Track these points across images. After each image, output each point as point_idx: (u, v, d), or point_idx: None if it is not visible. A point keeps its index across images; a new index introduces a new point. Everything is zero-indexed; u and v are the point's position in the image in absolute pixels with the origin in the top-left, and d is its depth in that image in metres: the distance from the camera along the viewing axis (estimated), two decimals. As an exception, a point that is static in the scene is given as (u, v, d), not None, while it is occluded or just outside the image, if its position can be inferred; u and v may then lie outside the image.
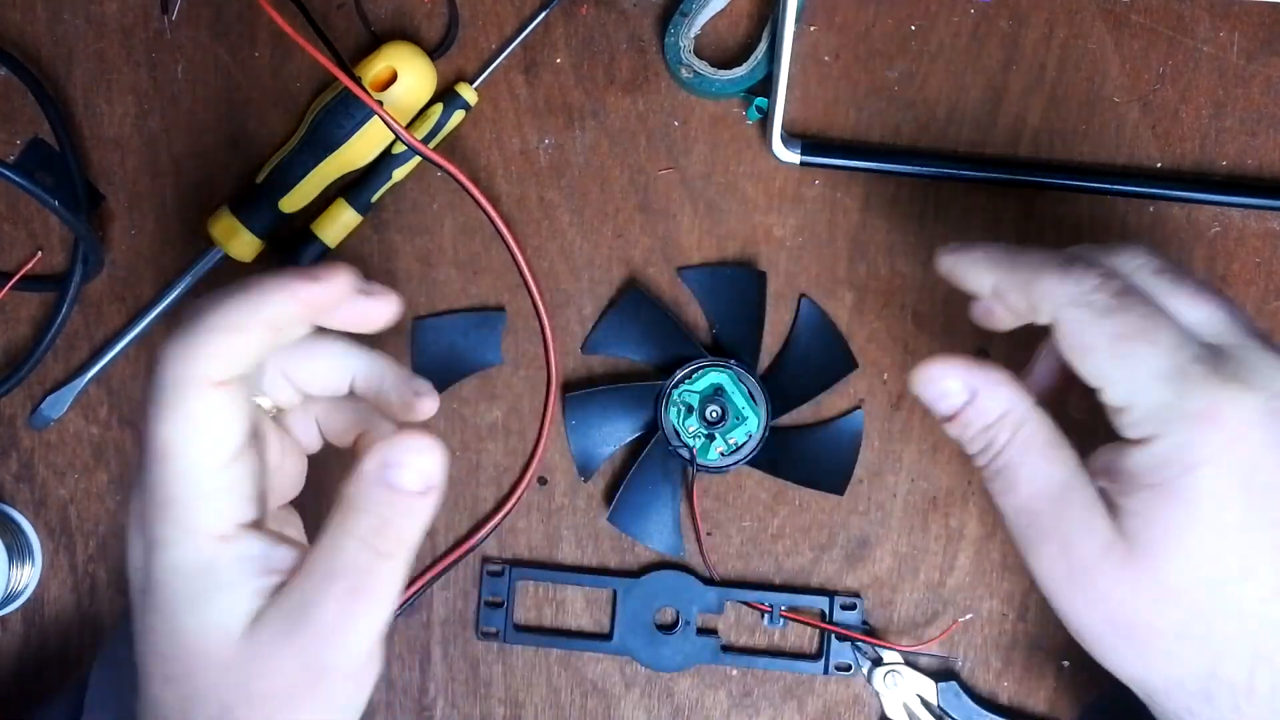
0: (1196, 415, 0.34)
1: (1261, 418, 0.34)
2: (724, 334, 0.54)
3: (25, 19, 0.55)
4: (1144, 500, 0.35)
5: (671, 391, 0.52)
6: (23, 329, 0.55)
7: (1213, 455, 0.34)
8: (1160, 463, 0.35)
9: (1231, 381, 0.34)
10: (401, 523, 0.35)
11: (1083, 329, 0.36)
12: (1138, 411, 0.35)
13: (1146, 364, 0.35)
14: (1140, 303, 0.36)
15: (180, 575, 0.34)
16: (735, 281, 0.54)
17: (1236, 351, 0.36)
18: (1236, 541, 0.34)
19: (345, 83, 0.49)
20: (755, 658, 0.54)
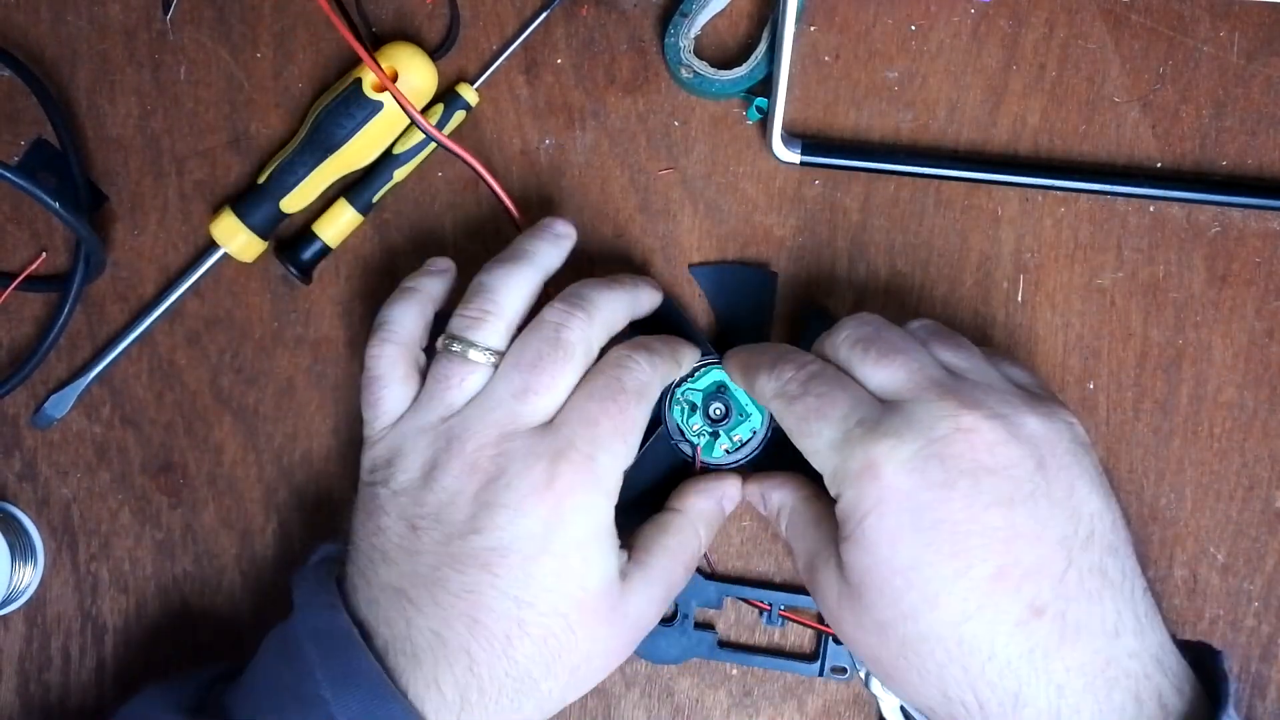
0: (858, 473, 0.40)
1: (916, 463, 0.39)
2: (730, 332, 0.54)
3: (29, 20, 0.55)
4: (845, 550, 0.41)
5: (675, 389, 0.52)
6: (26, 329, 0.55)
7: (874, 504, 0.40)
8: (844, 517, 0.41)
9: (886, 436, 0.40)
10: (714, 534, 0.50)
11: (781, 417, 0.44)
12: (826, 476, 0.42)
13: (820, 437, 0.42)
14: (821, 383, 0.43)
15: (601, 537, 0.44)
16: (746, 280, 0.54)
17: (905, 405, 0.41)
18: (915, 577, 0.39)
19: (368, 62, 0.49)
20: (752, 655, 0.54)
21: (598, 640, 0.44)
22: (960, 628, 0.39)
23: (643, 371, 0.46)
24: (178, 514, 0.55)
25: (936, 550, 0.39)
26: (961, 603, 0.39)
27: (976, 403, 0.41)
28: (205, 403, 0.55)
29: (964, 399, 0.41)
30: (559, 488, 0.43)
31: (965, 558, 0.39)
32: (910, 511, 0.39)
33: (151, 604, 0.55)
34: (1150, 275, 0.54)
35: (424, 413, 0.45)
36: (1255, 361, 0.54)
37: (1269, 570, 0.54)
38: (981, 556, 0.39)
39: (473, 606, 0.42)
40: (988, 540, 0.39)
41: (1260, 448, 0.54)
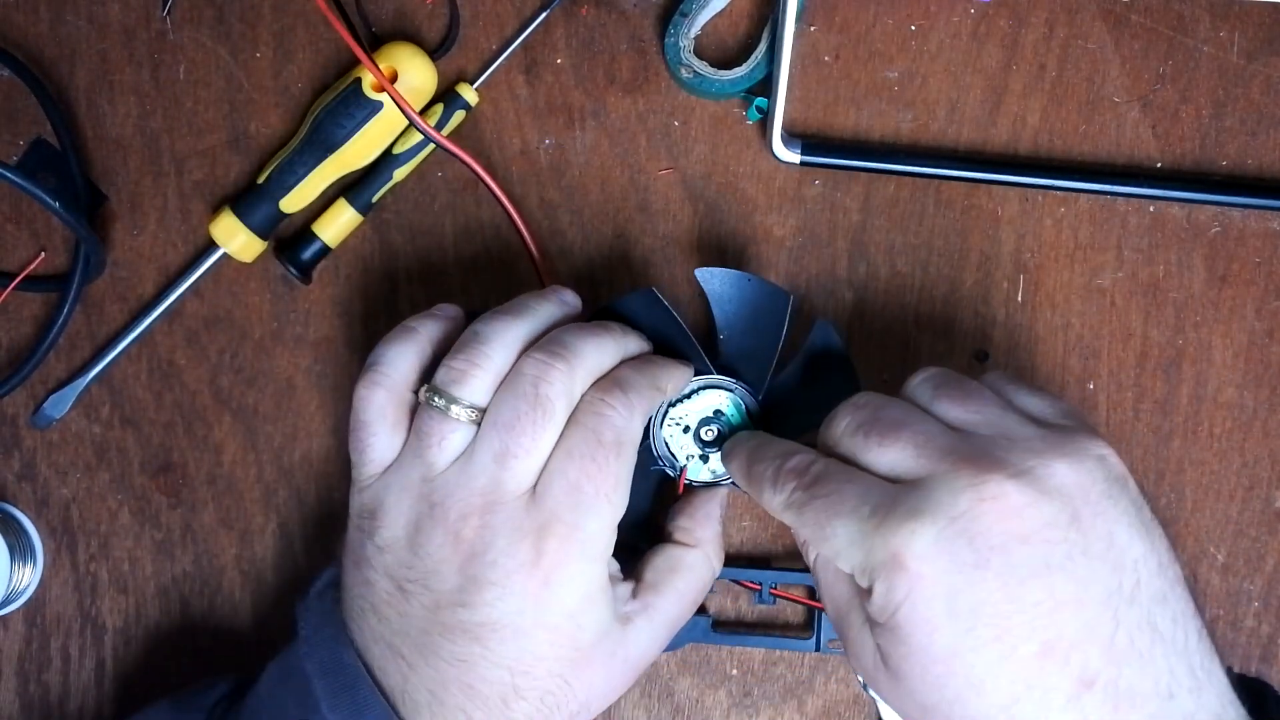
0: (884, 565, 0.38)
1: (941, 545, 0.37)
2: (732, 347, 0.51)
3: (28, 20, 0.55)
4: (880, 637, 0.39)
5: (668, 409, 0.50)
6: (25, 329, 0.55)
7: (905, 596, 0.37)
8: (878, 609, 0.38)
9: (906, 521, 0.37)
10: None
11: (796, 531, 0.43)
12: (855, 572, 0.39)
13: (838, 537, 0.39)
14: (827, 483, 0.41)
15: (594, 597, 0.43)
16: (758, 297, 0.50)
17: (921, 484, 0.39)
18: (958, 664, 0.37)
19: (366, 63, 0.49)
20: (747, 635, 0.54)
21: (595, 686, 0.44)
22: (1010, 710, 0.37)
23: (619, 417, 0.44)
24: (177, 514, 0.55)
25: (977, 636, 0.36)
26: (1009, 685, 0.36)
27: (996, 463, 0.38)
28: (205, 403, 0.55)
29: (981, 463, 0.38)
30: (546, 564, 0.42)
31: (1009, 639, 0.36)
32: (944, 599, 0.37)
33: (151, 604, 0.55)
34: (1150, 275, 0.54)
35: (406, 469, 0.44)
36: (1255, 361, 0.54)
37: (1269, 570, 0.54)
38: (1025, 635, 0.36)
39: (466, 674, 0.42)
40: (1030, 616, 0.36)
41: (1260, 448, 0.54)
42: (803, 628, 0.54)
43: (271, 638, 0.54)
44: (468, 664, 0.42)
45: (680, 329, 0.49)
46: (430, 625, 0.42)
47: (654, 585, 0.46)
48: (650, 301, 0.49)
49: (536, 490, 0.43)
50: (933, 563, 0.37)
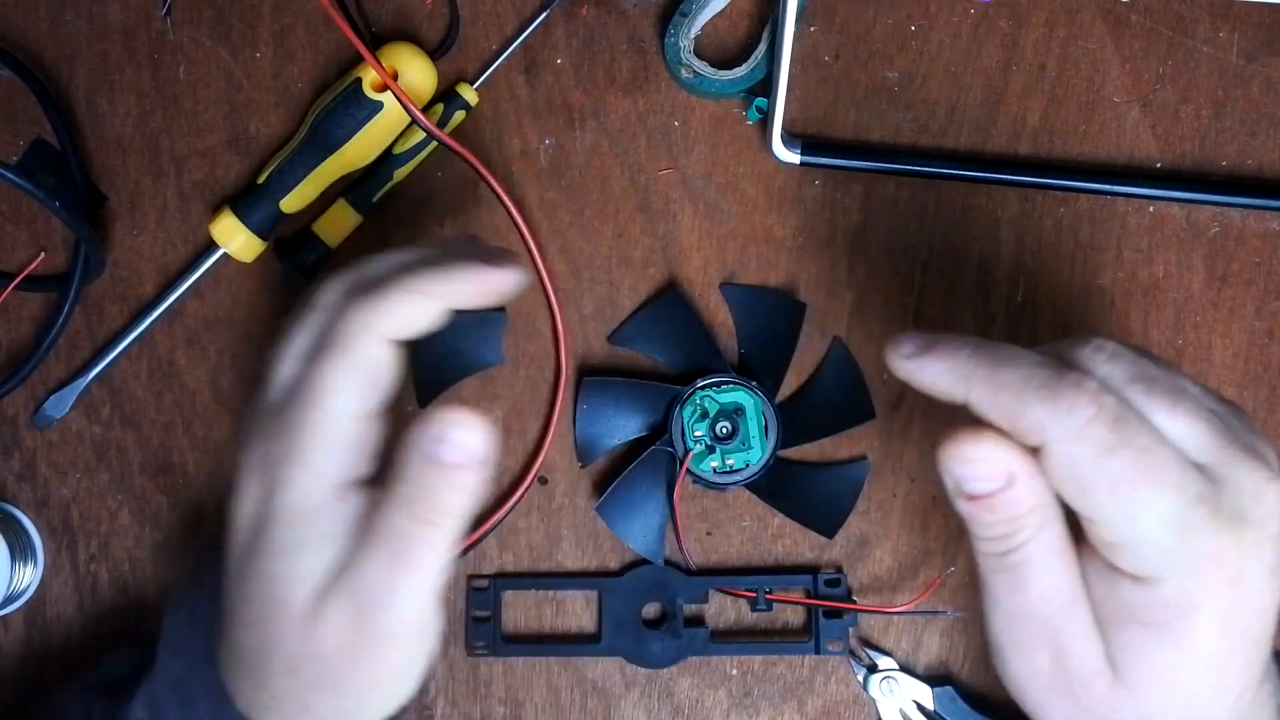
0: (1200, 562, 0.33)
1: (1257, 552, 0.34)
2: (751, 355, 0.54)
3: (27, 20, 0.55)
4: (1136, 636, 0.35)
5: (697, 392, 0.52)
6: (25, 329, 0.55)
7: (1213, 598, 0.34)
8: (1159, 604, 0.34)
9: (1233, 523, 0.34)
10: (444, 493, 0.36)
11: (1079, 468, 0.33)
12: (1138, 553, 0.34)
13: (1151, 509, 0.33)
14: (1137, 433, 0.33)
15: (291, 518, 0.36)
16: (774, 306, 0.54)
17: (1223, 472, 0.35)
18: (1221, 668, 0.35)
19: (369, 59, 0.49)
20: (746, 644, 0.54)
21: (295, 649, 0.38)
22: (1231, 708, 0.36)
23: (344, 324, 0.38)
24: (177, 514, 0.55)
25: (1246, 639, 0.35)
26: (1243, 684, 0.36)
27: (1263, 456, 0.35)
28: (205, 403, 0.55)
29: (1260, 457, 0.35)
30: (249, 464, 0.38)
31: (1261, 644, 0.35)
32: (1244, 602, 0.34)
33: (151, 605, 0.55)
34: (1150, 275, 0.54)
35: None
36: (1255, 361, 0.54)
37: (1269, 570, 0.54)
38: (1267, 639, 0.36)
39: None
40: (1273, 614, 0.35)
41: (1260, 448, 0.54)
42: (801, 631, 0.54)
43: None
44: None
45: (701, 328, 0.53)
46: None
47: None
48: (673, 303, 0.54)
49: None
50: (1249, 568, 0.34)
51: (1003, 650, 0.37)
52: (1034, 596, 0.35)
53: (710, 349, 0.53)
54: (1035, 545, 0.35)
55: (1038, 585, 0.35)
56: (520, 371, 0.55)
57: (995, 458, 0.34)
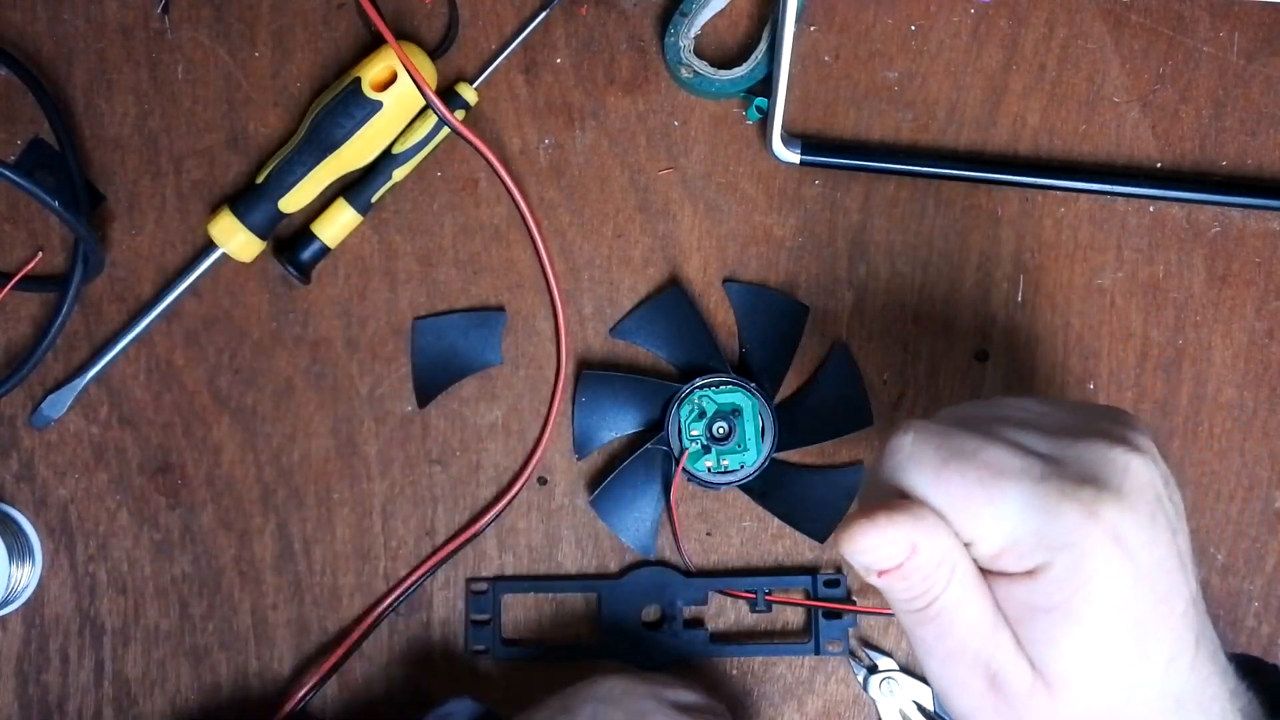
0: (1072, 534, 0.34)
1: (1121, 506, 0.34)
2: (752, 355, 0.54)
3: (26, 19, 0.55)
4: (1045, 626, 0.35)
5: (695, 391, 0.52)
6: (23, 329, 0.55)
7: (1100, 564, 0.34)
8: (1054, 587, 0.34)
9: (1085, 486, 0.34)
10: None
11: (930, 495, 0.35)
12: (1016, 549, 0.35)
13: (1005, 503, 0.34)
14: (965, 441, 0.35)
15: None
16: (777, 307, 0.54)
17: (1065, 453, 0.35)
18: (1136, 633, 0.35)
19: (392, 44, 0.49)
20: (745, 645, 0.54)
21: None
22: (1163, 675, 0.35)
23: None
24: (176, 514, 0.55)
25: (1152, 598, 0.35)
26: (1169, 647, 0.35)
27: (1112, 435, 0.36)
28: (203, 403, 0.54)
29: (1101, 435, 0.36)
30: None
31: (1170, 599, 0.35)
32: (1130, 560, 0.34)
33: (150, 605, 0.54)
34: (1150, 275, 0.54)
35: None
36: (1255, 361, 0.54)
37: (1269, 570, 0.54)
38: (1176, 593, 0.35)
39: None
40: (1179, 573, 0.35)
41: (1260, 448, 0.54)
42: (801, 632, 0.54)
43: (270, 637, 0.54)
44: None
45: (702, 326, 0.53)
46: None
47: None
48: (676, 300, 0.54)
49: None
50: (1122, 524, 0.34)
51: (945, 692, 0.37)
52: (961, 634, 0.36)
53: (710, 347, 0.53)
54: (952, 589, 0.36)
55: (963, 623, 0.36)
56: (520, 371, 0.55)
57: (893, 535, 0.35)
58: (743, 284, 0.54)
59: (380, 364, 0.54)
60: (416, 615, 0.54)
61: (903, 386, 0.54)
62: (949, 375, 0.54)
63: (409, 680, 0.54)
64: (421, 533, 0.54)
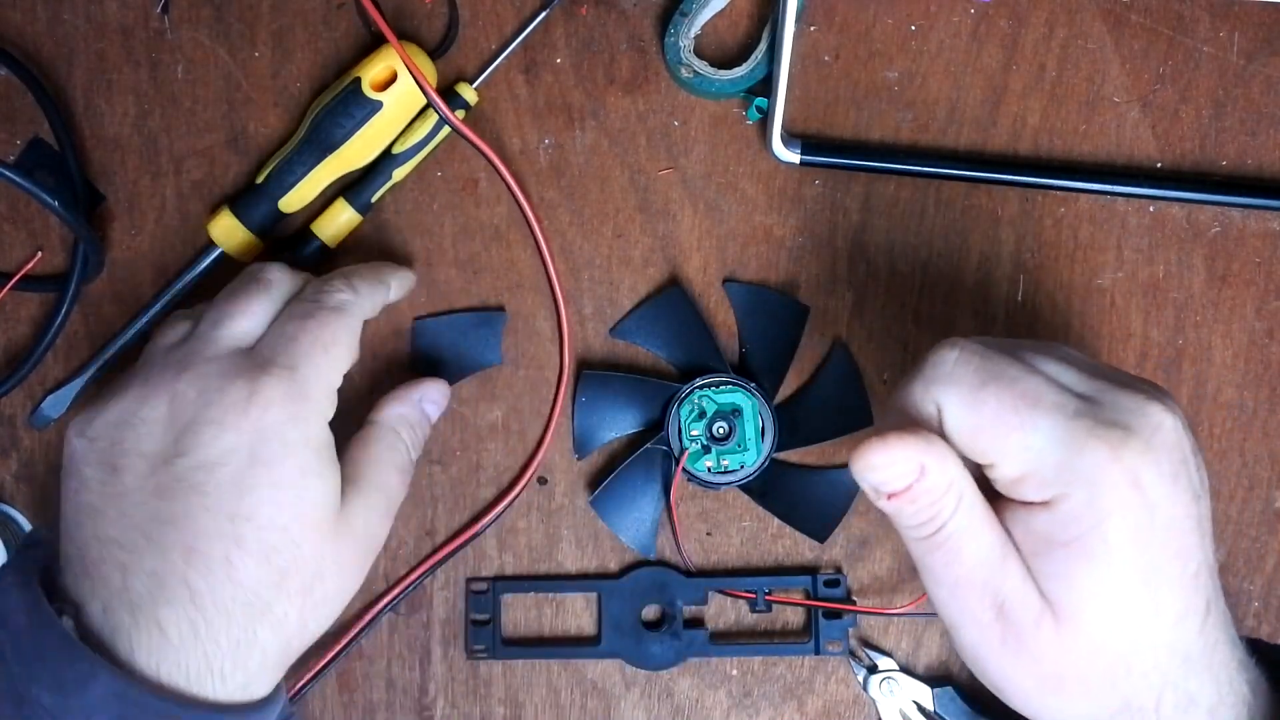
0: (1094, 471, 0.35)
1: (1148, 456, 0.35)
2: (752, 355, 0.54)
3: (25, 19, 0.55)
4: (1060, 560, 0.36)
5: (694, 391, 0.52)
6: (23, 329, 0.55)
7: (1119, 503, 0.35)
8: (1070, 520, 0.35)
9: (1114, 428, 0.35)
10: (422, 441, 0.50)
11: (962, 410, 0.36)
12: (1037, 477, 0.36)
13: (1035, 431, 0.35)
14: (1007, 366, 0.36)
15: (314, 448, 0.43)
16: (777, 307, 0.54)
17: (1102, 396, 0.36)
18: (1148, 581, 0.36)
19: (395, 45, 0.49)
20: (746, 645, 0.54)
21: (325, 558, 0.43)
22: (1173, 630, 0.36)
23: (340, 291, 0.46)
24: (176, 515, 0.54)
25: (1168, 551, 0.36)
26: (1180, 604, 0.36)
27: (1146, 389, 0.37)
28: (203, 403, 0.54)
29: (1135, 387, 0.37)
30: (261, 400, 0.42)
31: (1184, 557, 0.36)
32: (1149, 508, 0.35)
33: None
34: (1150, 275, 0.54)
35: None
36: (1255, 361, 0.54)
37: (1269, 570, 0.54)
38: (1190, 554, 0.36)
39: (187, 534, 0.40)
40: (1195, 535, 0.36)
41: (1260, 448, 0.54)
42: (800, 632, 0.54)
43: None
44: (188, 519, 0.40)
45: (702, 326, 0.54)
46: (147, 494, 0.41)
47: (352, 461, 0.46)
48: (676, 299, 0.54)
49: (254, 345, 0.45)
50: (1144, 469, 0.35)
51: (954, 623, 0.38)
52: (969, 562, 0.37)
53: (710, 347, 0.53)
54: (959, 516, 0.37)
55: (970, 551, 0.37)
56: (520, 371, 0.55)
57: (903, 455, 0.36)
58: (743, 284, 0.54)
59: (380, 364, 0.54)
60: (416, 615, 0.54)
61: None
62: (949, 375, 0.54)
63: (409, 680, 0.54)
64: (422, 532, 0.54)
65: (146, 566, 0.40)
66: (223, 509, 0.41)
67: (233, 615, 0.40)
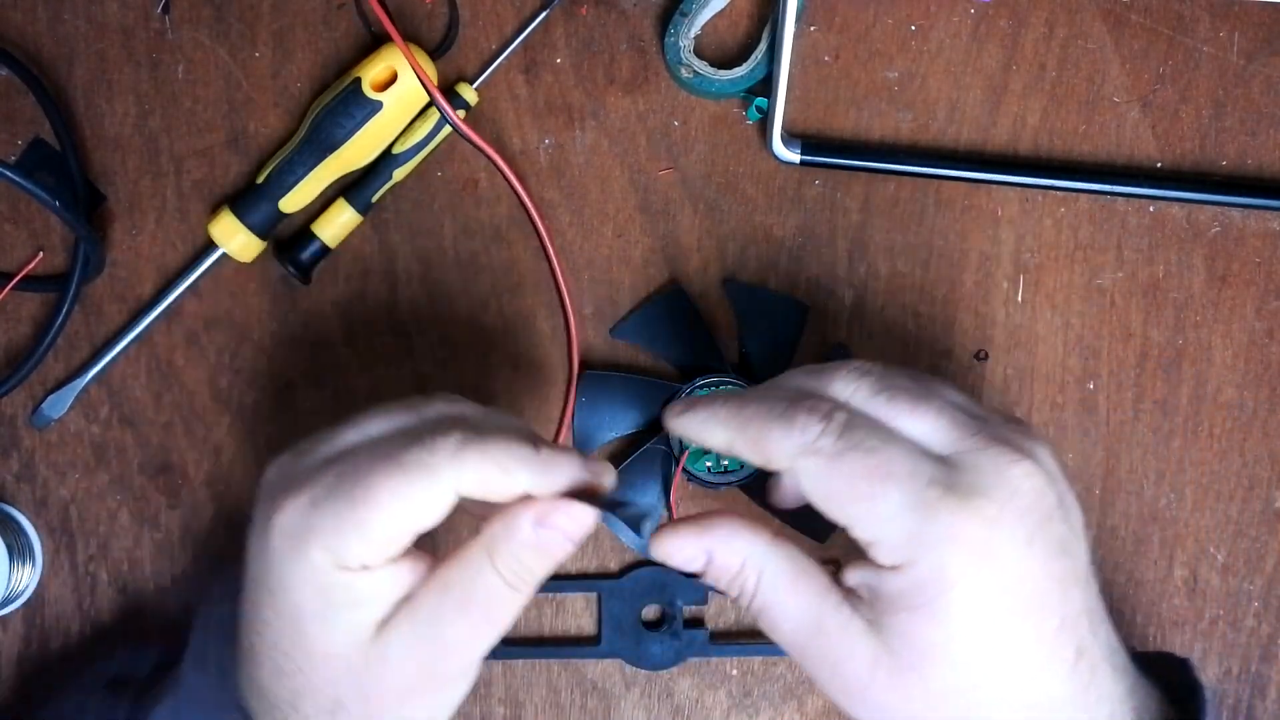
0: (942, 539, 0.35)
1: (1004, 522, 0.36)
2: (752, 355, 0.54)
3: (26, 19, 0.55)
4: (905, 621, 0.36)
5: (694, 391, 0.52)
6: (24, 329, 0.55)
7: (963, 573, 0.36)
8: (917, 587, 0.36)
9: (969, 497, 0.36)
10: (539, 566, 0.39)
11: (820, 480, 0.37)
12: (888, 544, 0.36)
13: (887, 501, 0.36)
14: (866, 437, 0.37)
15: (317, 593, 0.37)
16: (777, 307, 0.54)
17: (964, 459, 0.37)
18: (998, 642, 0.36)
19: (401, 47, 0.49)
20: (746, 645, 0.54)
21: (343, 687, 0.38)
22: (1030, 684, 0.37)
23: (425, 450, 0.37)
24: (176, 515, 0.55)
25: (1018, 613, 0.36)
26: (1037, 660, 0.37)
27: (1016, 445, 0.37)
28: (204, 403, 0.55)
29: (1008, 442, 0.37)
30: (275, 529, 0.38)
31: (1041, 614, 0.37)
32: (997, 574, 0.36)
33: (150, 605, 0.54)
34: (1150, 275, 0.54)
35: None
36: (1255, 361, 0.54)
37: (1269, 570, 0.54)
38: (1052, 610, 0.37)
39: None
40: (1057, 592, 0.37)
41: (1260, 448, 0.54)
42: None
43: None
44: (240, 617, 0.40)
45: (702, 326, 0.54)
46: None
47: (426, 582, 0.38)
48: (676, 299, 0.54)
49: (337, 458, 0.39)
50: (994, 538, 0.36)
51: (809, 675, 0.39)
52: (787, 629, 0.39)
53: (711, 347, 0.53)
54: (763, 592, 0.39)
55: (784, 620, 0.39)
56: (520, 371, 0.55)
57: (689, 544, 0.39)
58: (743, 284, 0.54)
59: (380, 364, 0.54)
60: (417, 615, 0.54)
61: (903, 386, 0.54)
62: (949, 375, 0.54)
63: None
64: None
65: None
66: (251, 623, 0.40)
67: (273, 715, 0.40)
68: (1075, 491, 0.39)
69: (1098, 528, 0.54)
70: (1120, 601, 0.54)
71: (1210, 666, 0.54)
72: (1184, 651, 0.54)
